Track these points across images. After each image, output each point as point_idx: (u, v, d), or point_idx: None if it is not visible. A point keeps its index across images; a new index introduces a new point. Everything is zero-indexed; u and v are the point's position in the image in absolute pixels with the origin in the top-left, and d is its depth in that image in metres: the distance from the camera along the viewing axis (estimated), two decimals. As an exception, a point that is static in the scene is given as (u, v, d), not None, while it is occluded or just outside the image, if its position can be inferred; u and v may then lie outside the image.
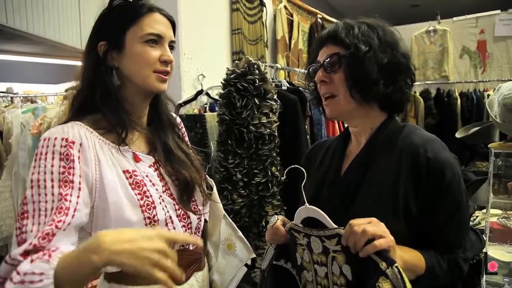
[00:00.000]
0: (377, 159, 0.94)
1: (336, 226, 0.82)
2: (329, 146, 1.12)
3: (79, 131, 0.87)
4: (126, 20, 0.92)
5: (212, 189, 1.10)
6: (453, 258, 0.91)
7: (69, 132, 0.85)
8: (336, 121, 2.35)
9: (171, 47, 0.96)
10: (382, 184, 0.89)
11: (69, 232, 0.76)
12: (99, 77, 0.91)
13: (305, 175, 0.91)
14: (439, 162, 0.88)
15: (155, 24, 0.92)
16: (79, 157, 0.83)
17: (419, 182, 0.88)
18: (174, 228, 0.93)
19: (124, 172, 0.89)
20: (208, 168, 1.63)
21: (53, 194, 0.77)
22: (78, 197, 0.80)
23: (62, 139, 0.83)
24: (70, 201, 0.79)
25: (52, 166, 0.80)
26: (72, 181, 0.80)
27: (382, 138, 0.96)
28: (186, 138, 1.14)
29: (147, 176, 0.93)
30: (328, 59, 0.95)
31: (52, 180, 0.78)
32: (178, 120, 1.13)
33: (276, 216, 1.00)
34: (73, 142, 0.84)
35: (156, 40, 0.92)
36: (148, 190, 0.90)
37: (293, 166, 0.92)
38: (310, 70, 1.03)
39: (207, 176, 1.10)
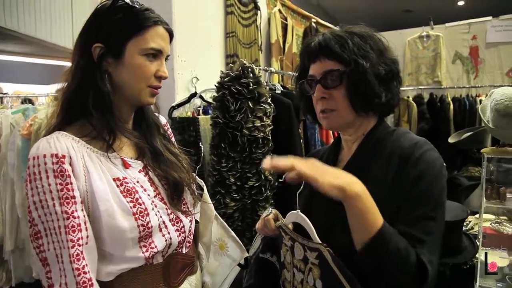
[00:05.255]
0: (368, 164, 0.95)
1: (319, 242, 0.85)
2: (322, 156, 1.12)
3: (66, 143, 0.85)
4: (130, 29, 0.89)
5: (202, 189, 1.09)
6: (415, 252, 0.82)
7: (56, 147, 0.83)
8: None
9: (165, 60, 0.96)
10: (373, 190, 0.88)
11: (91, 244, 0.82)
12: (91, 80, 0.89)
13: (302, 182, 0.91)
14: (426, 159, 0.88)
15: (158, 38, 0.91)
16: (72, 171, 0.83)
17: (406, 179, 0.87)
18: (169, 233, 0.92)
19: (114, 180, 0.88)
20: (199, 169, 1.63)
21: (56, 213, 0.80)
22: (82, 210, 0.83)
23: (52, 155, 0.82)
24: (78, 216, 0.81)
25: (49, 185, 0.80)
26: (73, 197, 0.82)
27: (372, 143, 0.97)
28: (173, 139, 1.13)
29: (138, 182, 0.91)
30: (328, 75, 0.95)
31: (52, 199, 0.80)
32: (164, 120, 1.12)
33: (270, 208, 1.01)
34: (64, 157, 0.83)
35: (155, 54, 0.91)
36: (140, 197, 0.89)
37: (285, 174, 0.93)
38: (303, 84, 1.02)
39: (196, 176, 1.09)
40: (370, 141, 0.97)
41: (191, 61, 2.32)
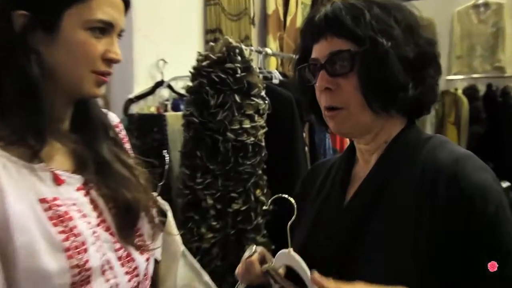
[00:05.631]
0: (392, 182, 0.96)
1: None
2: (330, 168, 1.13)
3: None
4: None
5: (166, 215, 1.10)
6: None
7: None
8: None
9: (118, 37, 0.96)
10: (398, 217, 0.90)
11: None
12: (11, 61, 0.88)
13: (295, 210, 0.93)
14: (474, 187, 0.88)
15: (108, 7, 0.91)
16: None
17: (446, 215, 0.88)
18: (115, 278, 0.92)
19: (40, 201, 0.86)
20: (163, 186, 1.63)
21: None
22: None
23: None
24: None
25: None
26: None
27: (398, 154, 0.98)
28: (127, 144, 1.14)
29: (74, 204, 0.91)
30: (335, 58, 0.96)
31: None
32: (115, 119, 1.12)
33: (254, 246, 1.02)
34: None
35: (104, 29, 0.92)
36: (76, 226, 0.88)
37: (280, 195, 0.95)
38: (304, 71, 1.04)
39: (159, 197, 1.10)
40: (395, 150, 0.99)
41: (157, 38, 2.31)
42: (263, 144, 1.90)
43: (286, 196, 0.96)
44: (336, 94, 0.97)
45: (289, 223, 0.95)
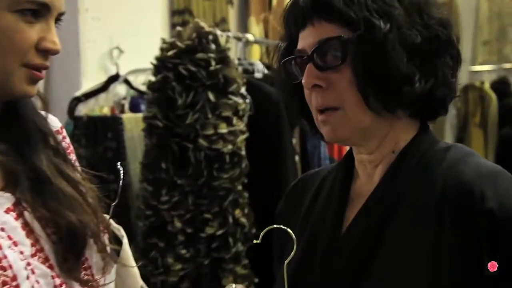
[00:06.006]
0: (402, 205, 0.96)
1: None
2: (323, 182, 1.13)
3: None
4: None
5: (121, 242, 1.10)
6: None
7: None
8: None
9: (56, 21, 0.95)
10: (410, 249, 0.91)
11: None
12: None
13: (295, 245, 0.93)
14: (509, 213, 0.88)
15: None
16: None
17: (474, 249, 0.88)
18: None
19: None
20: (119, 206, 1.60)
21: None
22: None
23: None
24: None
25: None
26: None
27: (411, 169, 0.98)
28: (73, 155, 1.13)
29: (2, 230, 0.91)
30: (324, 48, 0.97)
31: None
32: (57, 124, 1.11)
33: (233, 285, 1.01)
34: None
35: (38, 11, 0.91)
36: (6, 256, 0.88)
37: (274, 226, 0.96)
38: (290, 65, 1.04)
39: (111, 220, 1.09)
40: (406, 164, 0.99)
41: (110, 21, 2.31)
42: (243, 153, 1.90)
43: (283, 227, 0.95)
44: (328, 92, 0.96)
45: (286, 261, 0.94)
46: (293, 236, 0.93)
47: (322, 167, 1.42)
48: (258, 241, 0.91)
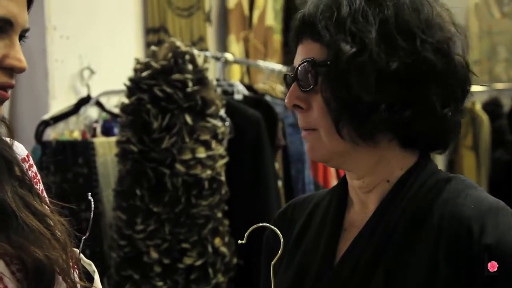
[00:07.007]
0: (397, 237, 0.96)
1: None
2: (314, 209, 1.14)
3: None
4: None
5: (92, 279, 1.06)
6: None
7: None
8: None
9: (20, 38, 0.94)
10: (404, 284, 0.91)
11: None
12: None
13: (281, 245, 0.92)
14: (508, 251, 0.88)
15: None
16: None
17: (469, 285, 0.88)
18: None
19: None
20: (91, 238, 1.60)
21: None
22: None
23: None
24: None
25: None
26: None
27: (406, 199, 0.98)
28: (40, 185, 1.10)
29: (-40, 268, 0.89)
30: (302, 68, 1.00)
31: None
32: (22, 152, 1.08)
33: None
34: None
35: (1, 28, 0.89)
36: None
37: (259, 225, 0.95)
38: (285, 81, 1.08)
39: (81, 255, 1.05)
40: (402, 195, 0.99)
41: (80, 39, 2.30)
42: (223, 178, 1.91)
43: (266, 225, 0.97)
44: (307, 113, 1.00)
45: (273, 262, 0.95)
46: (281, 237, 0.93)
47: (314, 192, 1.44)
48: (243, 241, 0.93)
